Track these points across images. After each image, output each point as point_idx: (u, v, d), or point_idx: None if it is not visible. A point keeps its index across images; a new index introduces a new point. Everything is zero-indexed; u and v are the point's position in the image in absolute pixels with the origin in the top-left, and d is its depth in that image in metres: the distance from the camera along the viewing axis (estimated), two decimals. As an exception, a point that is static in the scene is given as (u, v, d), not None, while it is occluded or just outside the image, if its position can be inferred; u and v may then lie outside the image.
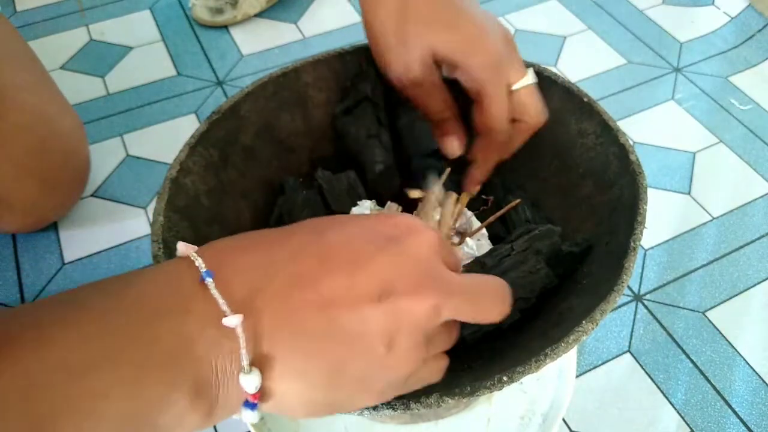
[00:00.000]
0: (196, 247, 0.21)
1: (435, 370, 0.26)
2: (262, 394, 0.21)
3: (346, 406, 0.23)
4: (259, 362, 0.20)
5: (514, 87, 0.36)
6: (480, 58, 0.35)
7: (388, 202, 0.43)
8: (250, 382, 0.20)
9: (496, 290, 0.26)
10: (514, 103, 0.37)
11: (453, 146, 0.39)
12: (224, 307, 0.19)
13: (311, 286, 0.20)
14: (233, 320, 0.19)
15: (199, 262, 0.20)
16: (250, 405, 0.21)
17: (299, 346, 0.20)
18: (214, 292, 0.19)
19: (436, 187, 0.41)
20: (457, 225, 0.41)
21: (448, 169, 0.42)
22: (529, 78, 0.37)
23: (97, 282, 0.20)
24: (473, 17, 0.35)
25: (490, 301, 0.25)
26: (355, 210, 0.42)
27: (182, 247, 0.21)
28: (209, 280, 0.20)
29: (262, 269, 0.21)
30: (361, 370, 0.21)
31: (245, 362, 0.19)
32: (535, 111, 0.37)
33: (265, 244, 0.22)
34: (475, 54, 0.35)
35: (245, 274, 0.20)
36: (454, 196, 0.41)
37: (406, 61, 0.36)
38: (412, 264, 0.22)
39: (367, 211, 0.42)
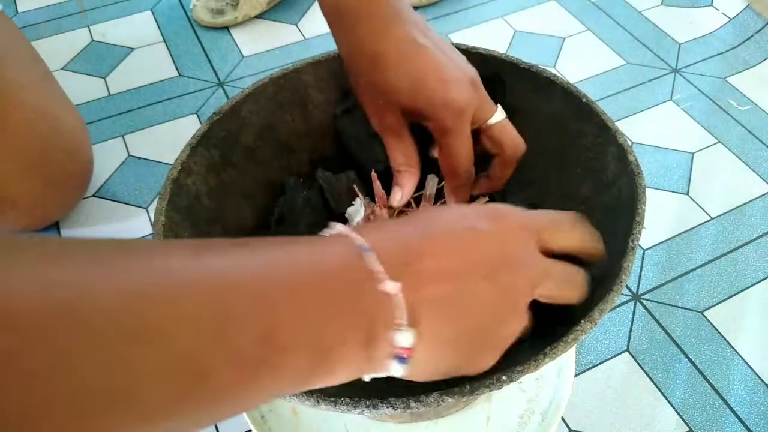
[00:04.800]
0: (348, 228, 0.25)
1: (526, 330, 0.29)
2: (413, 350, 0.24)
3: (462, 371, 0.27)
4: (412, 323, 0.24)
5: (487, 123, 0.38)
6: (442, 112, 0.36)
7: (358, 199, 0.43)
8: (407, 338, 0.23)
9: (579, 276, 0.30)
10: (490, 139, 0.39)
11: (397, 197, 0.41)
12: (383, 275, 0.23)
13: (437, 265, 0.25)
14: (393, 287, 0.23)
15: (356, 237, 0.24)
16: (401, 359, 0.24)
17: (434, 316, 0.24)
18: (374, 262, 0.23)
19: (431, 185, 0.43)
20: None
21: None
22: (499, 114, 0.39)
23: (276, 240, 0.23)
24: (440, 66, 0.36)
25: (572, 288, 0.29)
26: (350, 210, 0.43)
27: (336, 226, 0.25)
28: (368, 252, 0.23)
29: (400, 251, 0.25)
30: (479, 338, 0.26)
31: (404, 321, 0.23)
32: (511, 143, 0.39)
33: (396, 231, 0.26)
34: (437, 108, 0.36)
35: (390, 253, 0.24)
36: (435, 179, 0.43)
37: (377, 109, 0.38)
38: (507, 249, 0.27)
39: (361, 208, 0.42)
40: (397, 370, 0.24)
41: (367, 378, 0.25)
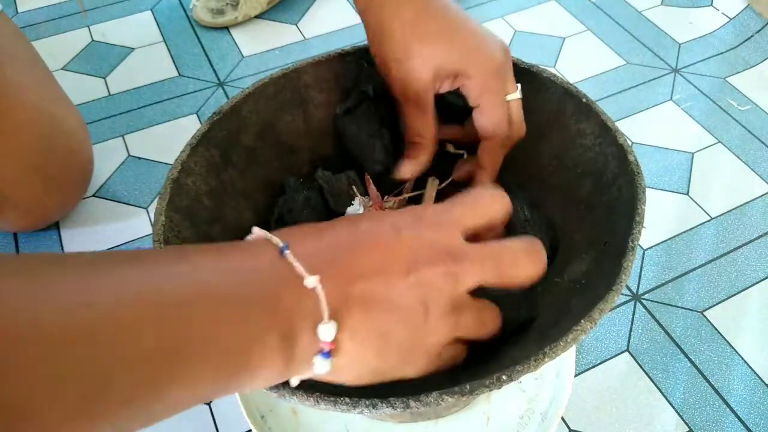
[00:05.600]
0: (265, 231, 0.25)
1: (458, 352, 0.29)
2: (336, 345, 0.24)
3: (390, 375, 0.27)
4: (333, 316, 0.24)
5: (507, 98, 0.39)
6: (482, 65, 0.37)
7: (357, 198, 0.43)
8: (328, 331, 0.23)
9: (522, 253, 0.29)
10: None
11: (405, 169, 0.41)
12: (302, 271, 0.23)
13: (357, 262, 0.25)
14: (312, 281, 0.23)
15: (275, 239, 0.24)
16: (325, 354, 0.24)
17: (357, 311, 0.24)
18: (293, 259, 0.23)
19: (433, 186, 0.43)
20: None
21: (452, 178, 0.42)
22: (518, 92, 0.39)
23: (195, 249, 0.23)
24: (474, 31, 0.38)
25: (514, 265, 0.28)
26: (350, 210, 0.43)
27: (257, 230, 0.25)
28: (287, 252, 0.24)
29: (321, 250, 0.25)
30: (403, 337, 0.26)
31: (325, 314, 0.23)
32: (519, 124, 0.40)
33: (318, 233, 0.26)
34: (477, 62, 0.37)
35: (311, 252, 0.25)
36: (436, 181, 0.43)
37: (406, 76, 0.38)
38: (428, 242, 0.27)
39: (360, 208, 0.43)
40: (322, 366, 0.24)
41: (294, 381, 0.25)
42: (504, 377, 0.27)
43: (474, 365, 0.34)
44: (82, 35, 0.93)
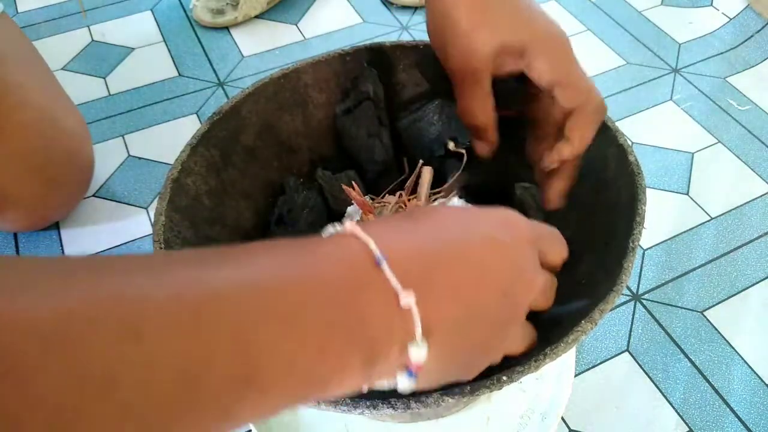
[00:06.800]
0: (360, 230, 0.23)
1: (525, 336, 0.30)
2: (423, 366, 0.23)
3: (449, 381, 0.26)
4: (425, 337, 0.22)
5: None
6: (551, 44, 0.36)
7: (349, 208, 0.44)
8: (420, 354, 0.22)
9: (554, 287, 0.31)
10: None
11: (484, 149, 0.40)
12: (399, 289, 0.22)
13: (453, 277, 0.24)
14: (409, 301, 0.22)
15: (373, 246, 0.22)
16: (410, 373, 0.23)
17: (444, 330, 0.23)
18: (390, 275, 0.22)
19: (428, 174, 0.44)
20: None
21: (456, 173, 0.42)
22: None
23: (268, 245, 0.21)
24: (541, 14, 0.37)
25: (550, 298, 0.30)
26: (350, 209, 0.43)
27: (351, 226, 0.23)
28: (385, 265, 0.22)
29: (417, 259, 0.23)
30: (480, 356, 0.26)
31: (419, 336, 0.22)
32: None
33: (412, 233, 0.24)
34: (545, 41, 0.36)
35: (406, 261, 0.23)
36: (429, 169, 0.44)
37: (468, 48, 0.37)
38: (525, 265, 0.26)
39: (359, 209, 0.43)
40: (406, 384, 0.23)
41: (365, 389, 0.24)
42: (504, 378, 0.27)
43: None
44: (82, 35, 0.92)
